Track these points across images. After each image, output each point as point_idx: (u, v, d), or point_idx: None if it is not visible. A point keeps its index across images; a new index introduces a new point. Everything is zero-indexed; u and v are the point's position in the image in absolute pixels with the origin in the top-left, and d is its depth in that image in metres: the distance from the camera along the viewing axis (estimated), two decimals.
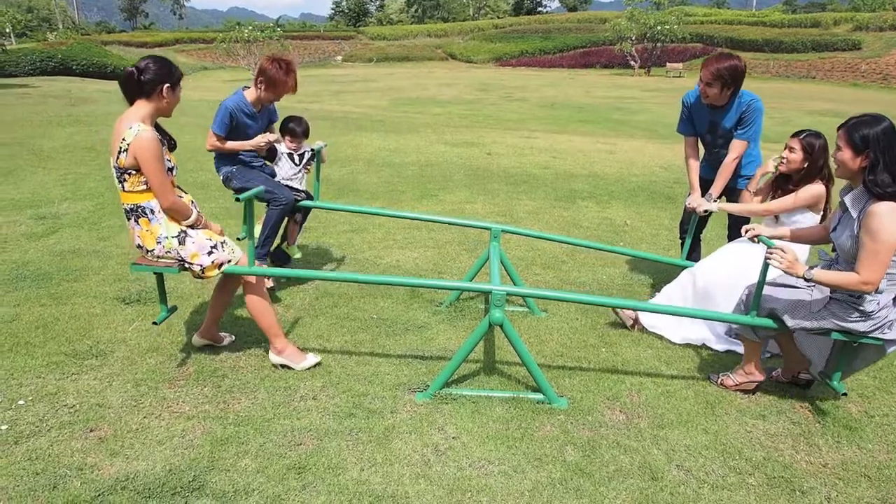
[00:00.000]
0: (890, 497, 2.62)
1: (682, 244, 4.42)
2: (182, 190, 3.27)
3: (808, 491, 2.63)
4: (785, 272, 2.88)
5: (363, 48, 58.51)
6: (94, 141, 10.10)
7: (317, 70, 47.21)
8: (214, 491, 2.50)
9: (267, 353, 3.50)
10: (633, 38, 45.77)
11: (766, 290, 3.10)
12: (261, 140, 4.18)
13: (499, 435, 2.91)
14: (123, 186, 3.03)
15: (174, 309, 3.51)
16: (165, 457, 2.69)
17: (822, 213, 3.71)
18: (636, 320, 4.05)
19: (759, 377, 3.30)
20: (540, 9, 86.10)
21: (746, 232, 3.25)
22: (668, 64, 44.38)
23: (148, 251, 3.14)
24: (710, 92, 3.95)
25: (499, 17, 73.77)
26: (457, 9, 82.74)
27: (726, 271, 3.75)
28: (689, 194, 4.29)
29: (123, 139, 2.93)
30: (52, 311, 4.07)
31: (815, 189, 3.63)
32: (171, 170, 3.10)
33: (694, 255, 4.45)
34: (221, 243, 3.25)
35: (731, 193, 4.27)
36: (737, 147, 4.04)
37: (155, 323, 3.36)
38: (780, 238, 3.25)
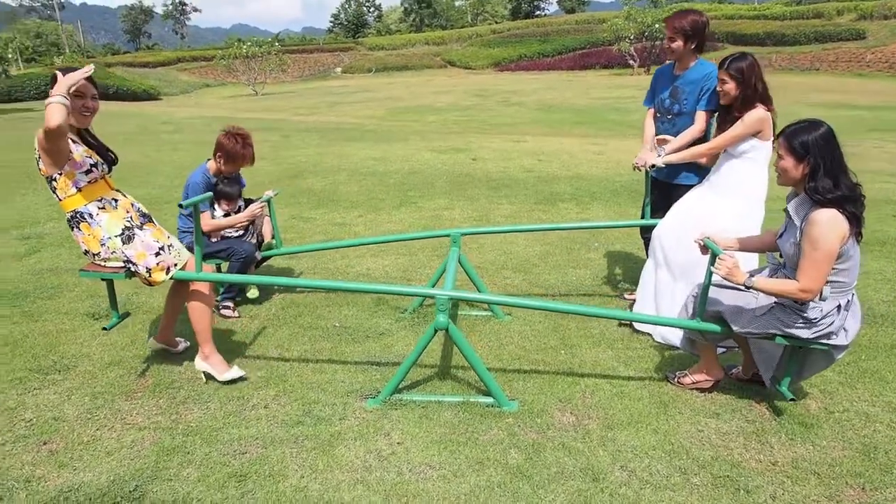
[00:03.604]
0: (838, 494, 2.58)
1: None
2: (122, 193, 3.32)
3: (753, 490, 2.61)
4: (725, 279, 2.89)
5: (362, 59, 58.78)
6: None
7: (316, 82, 47.52)
8: (154, 500, 2.53)
9: (227, 366, 3.51)
10: (632, 38, 45.73)
11: (713, 291, 3.10)
12: (255, 209, 4.34)
13: (443, 439, 2.93)
14: (58, 196, 3.09)
15: (126, 315, 3.58)
16: (111, 467, 2.73)
17: (770, 138, 3.64)
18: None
19: (718, 375, 3.30)
20: (538, 12, 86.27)
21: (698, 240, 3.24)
22: (666, 62, 44.25)
23: (94, 255, 3.19)
24: (675, 46, 3.98)
25: (497, 23, 73.92)
26: (455, 16, 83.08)
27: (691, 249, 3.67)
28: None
29: (35, 149, 2.99)
30: (23, 328, 4.13)
31: (757, 113, 3.59)
32: (95, 166, 3.13)
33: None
34: (168, 246, 3.29)
35: (667, 189, 4.24)
36: (701, 117, 4.01)
37: (105, 328, 3.43)
38: (730, 248, 3.20)
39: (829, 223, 2.66)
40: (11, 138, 13.25)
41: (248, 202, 4.48)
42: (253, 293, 4.57)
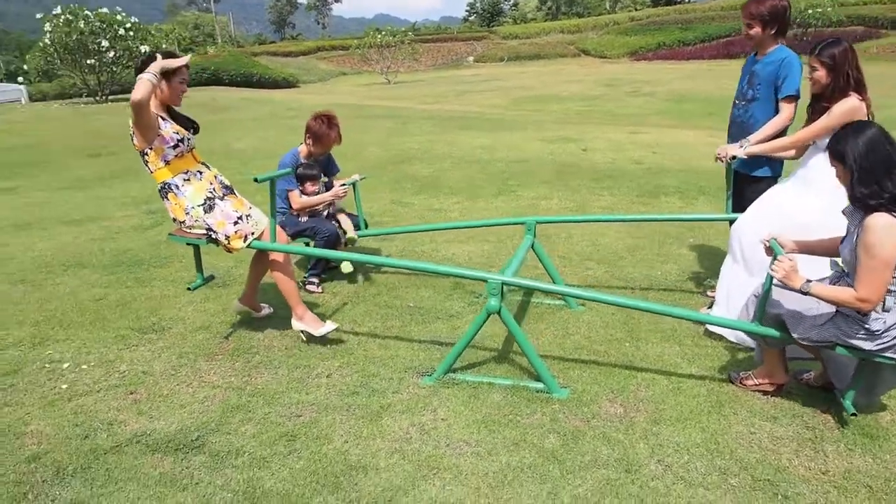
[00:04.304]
0: None
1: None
2: (207, 166, 3.61)
3: (792, 496, 2.49)
4: (781, 282, 2.75)
5: (495, 48, 58.80)
6: (214, 145, 11.08)
7: (448, 71, 48.16)
8: (211, 450, 2.80)
9: (320, 322, 3.74)
10: None
11: (775, 293, 2.94)
12: (339, 190, 4.56)
13: (486, 419, 3.00)
14: (149, 168, 3.43)
15: (210, 278, 3.94)
16: (181, 418, 3.04)
17: None
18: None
19: (781, 380, 3.14)
20: None
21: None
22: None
23: (181, 222, 3.53)
24: (752, 33, 3.84)
25: (636, 10, 71.39)
26: (593, 3, 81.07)
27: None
28: None
29: (130, 126, 3.32)
30: (133, 291, 4.63)
31: (848, 104, 3.35)
32: (181, 141, 3.43)
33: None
34: (247, 216, 3.58)
35: (741, 181, 4.04)
36: (786, 107, 3.83)
37: (189, 288, 3.81)
38: (792, 251, 3.03)
39: (885, 229, 2.48)
40: None
41: (331, 186, 4.72)
42: (347, 267, 4.73)
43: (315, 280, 4.62)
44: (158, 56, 3.30)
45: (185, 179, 3.47)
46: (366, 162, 9.60)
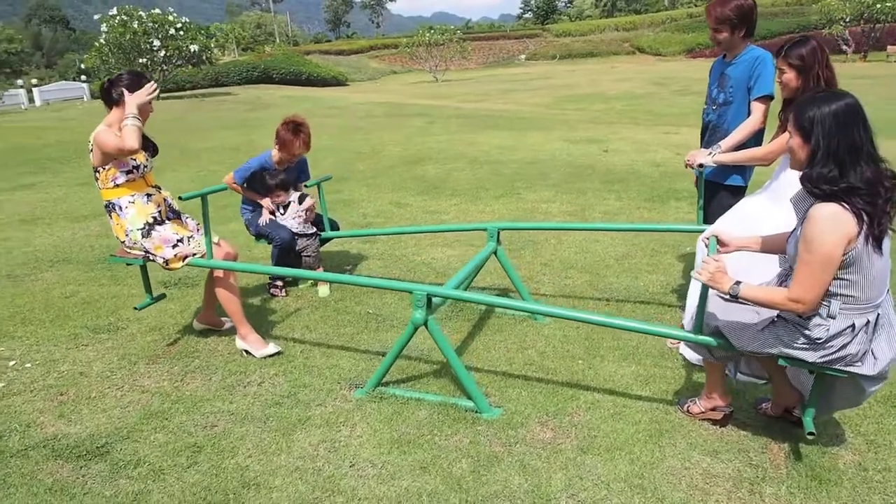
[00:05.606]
0: None
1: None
2: (159, 189, 3.59)
3: None
4: (708, 286, 2.51)
5: (547, 45, 58.17)
6: (240, 142, 11.21)
7: (498, 70, 47.90)
8: (113, 458, 2.73)
9: (263, 344, 3.67)
10: (847, 20, 40.80)
11: (713, 304, 2.70)
12: (269, 205, 4.53)
13: (401, 439, 2.85)
14: (98, 185, 3.42)
15: (161, 297, 3.87)
16: (97, 424, 2.99)
17: None
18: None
19: (722, 402, 2.88)
20: None
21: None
22: (888, 47, 38.89)
23: (122, 242, 3.51)
24: (721, 38, 3.59)
25: (695, 6, 69.40)
26: (650, 0, 79.24)
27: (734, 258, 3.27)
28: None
29: (90, 141, 3.30)
30: (104, 289, 4.65)
31: None
32: (136, 168, 3.41)
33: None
34: (189, 237, 3.53)
35: (712, 189, 3.78)
36: (757, 108, 3.56)
37: (136, 308, 3.74)
38: (745, 248, 2.80)
39: (829, 220, 2.18)
40: (193, 119, 14.77)
41: (303, 197, 4.63)
42: (324, 292, 4.55)
43: (279, 283, 4.54)
44: (126, 92, 3.31)
45: (130, 202, 3.46)
46: (382, 161, 9.54)
